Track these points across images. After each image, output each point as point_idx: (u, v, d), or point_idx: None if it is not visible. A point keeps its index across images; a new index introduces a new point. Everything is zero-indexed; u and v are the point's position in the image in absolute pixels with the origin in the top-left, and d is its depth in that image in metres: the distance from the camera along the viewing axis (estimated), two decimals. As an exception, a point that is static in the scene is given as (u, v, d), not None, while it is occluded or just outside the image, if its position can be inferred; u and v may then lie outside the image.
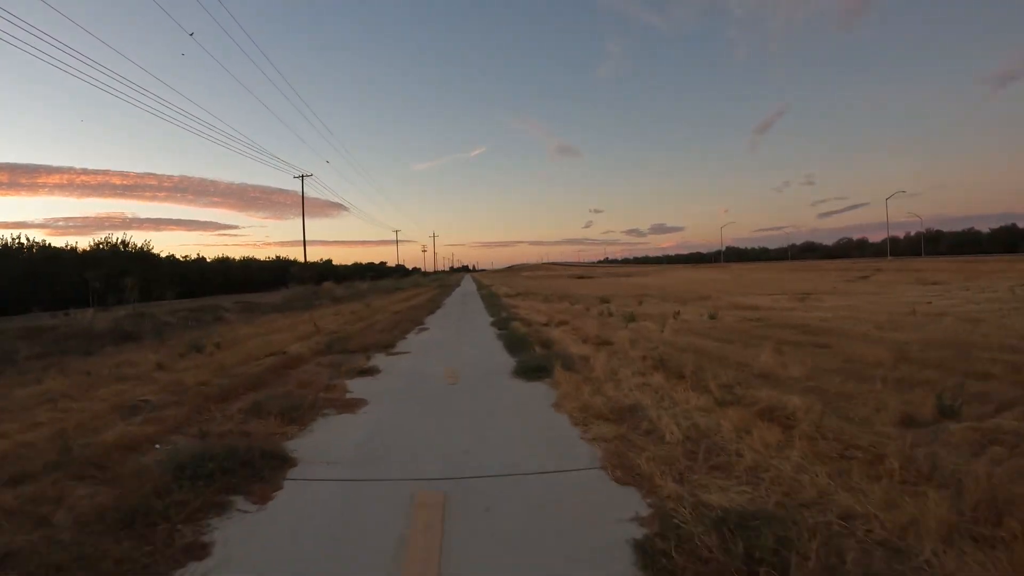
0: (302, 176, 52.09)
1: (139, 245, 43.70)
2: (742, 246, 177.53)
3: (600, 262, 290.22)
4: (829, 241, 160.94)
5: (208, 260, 53.04)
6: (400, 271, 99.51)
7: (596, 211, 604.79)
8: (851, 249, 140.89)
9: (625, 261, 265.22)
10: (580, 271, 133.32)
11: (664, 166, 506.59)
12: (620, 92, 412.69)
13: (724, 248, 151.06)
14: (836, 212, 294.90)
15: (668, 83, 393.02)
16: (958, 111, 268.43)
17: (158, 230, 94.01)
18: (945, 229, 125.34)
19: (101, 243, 42.77)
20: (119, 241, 42.78)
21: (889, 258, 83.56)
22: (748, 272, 73.15)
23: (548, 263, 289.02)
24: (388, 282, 48.94)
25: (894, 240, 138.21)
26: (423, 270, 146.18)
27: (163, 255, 46.29)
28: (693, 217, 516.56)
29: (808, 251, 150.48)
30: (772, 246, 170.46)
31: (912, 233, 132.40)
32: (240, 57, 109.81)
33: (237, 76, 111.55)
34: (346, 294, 28.94)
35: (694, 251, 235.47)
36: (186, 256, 53.04)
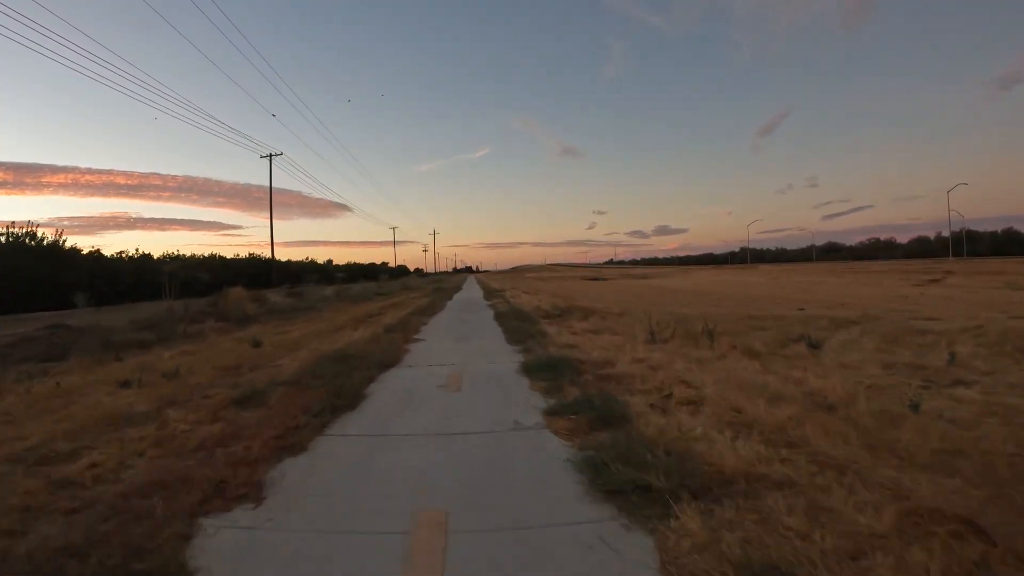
0: (270, 155, 41.85)
1: (50, 239, 33.52)
2: (745, 247, 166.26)
3: (605, 263, 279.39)
4: (847, 242, 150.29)
5: (155, 258, 42.23)
6: (396, 271, 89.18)
7: (599, 212, 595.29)
8: (879, 250, 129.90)
9: (633, 262, 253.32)
10: (590, 272, 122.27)
11: (667, 168, 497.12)
12: (623, 94, 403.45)
13: (743, 249, 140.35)
14: (840, 214, 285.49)
15: (671, 85, 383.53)
16: (962, 113, 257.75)
17: (162, 230, 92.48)
18: (945, 232, 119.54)
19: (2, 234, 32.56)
20: (24, 234, 32.52)
21: (951, 258, 72.39)
22: (785, 274, 62.10)
23: (552, 264, 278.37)
24: (369, 286, 38.16)
25: (924, 240, 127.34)
26: (424, 271, 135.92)
27: (87, 251, 35.74)
28: (697, 219, 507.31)
29: (831, 252, 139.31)
30: (775, 248, 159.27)
31: (944, 233, 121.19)
32: (239, 58, 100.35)
33: (238, 78, 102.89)
34: (282, 305, 18.20)
35: (695, 253, 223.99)
36: (122, 253, 42.00)
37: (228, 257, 50.90)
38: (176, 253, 41.90)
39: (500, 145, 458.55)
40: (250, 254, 54.99)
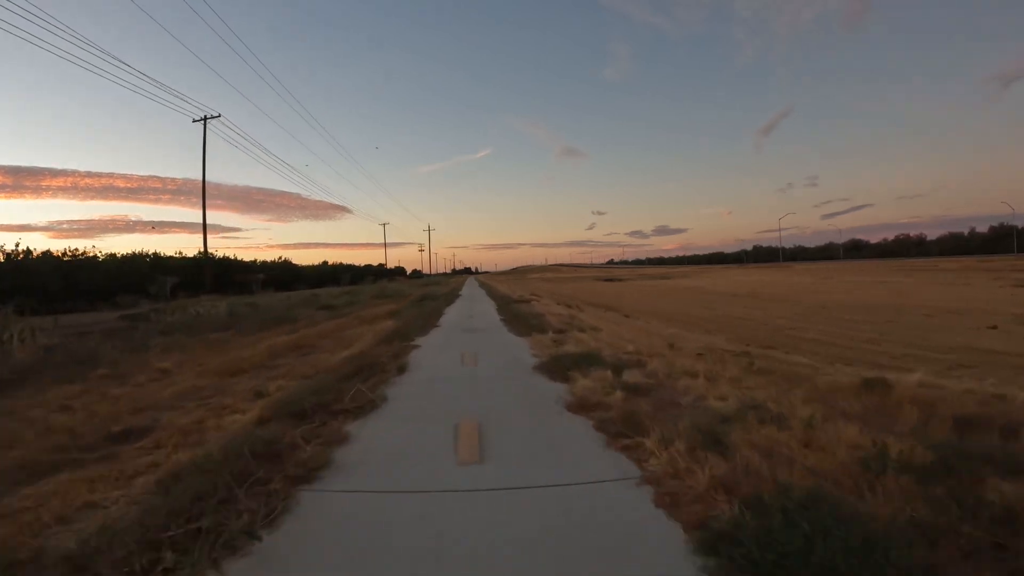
0: (204, 118, 29.63)
1: None
2: (745, 247, 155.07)
3: (607, 263, 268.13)
4: (841, 241, 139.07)
5: (59, 256, 29.72)
6: (387, 273, 77.75)
7: (599, 213, 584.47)
8: (908, 247, 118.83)
9: (637, 262, 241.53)
10: (597, 272, 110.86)
11: (667, 168, 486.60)
12: (625, 94, 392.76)
13: (756, 248, 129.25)
14: (839, 213, 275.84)
15: (673, 85, 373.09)
16: (962, 112, 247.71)
17: (162, 233, 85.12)
18: (944, 230, 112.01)
19: None
20: None
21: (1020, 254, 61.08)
22: (835, 274, 50.83)
23: (555, 264, 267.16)
24: (322, 294, 26.27)
25: (956, 236, 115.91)
26: (422, 271, 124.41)
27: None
28: (697, 219, 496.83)
29: (854, 250, 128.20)
30: (772, 246, 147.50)
31: (982, 228, 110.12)
32: (241, 65, 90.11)
33: (240, 82, 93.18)
34: (24, 362, 6.62)
35: (696, 252, 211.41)
36: (16, 247, 28.88)
37: (164, 255, 39.12)
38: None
39: (501, 146, 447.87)
40: (199, 252, 43.27)
